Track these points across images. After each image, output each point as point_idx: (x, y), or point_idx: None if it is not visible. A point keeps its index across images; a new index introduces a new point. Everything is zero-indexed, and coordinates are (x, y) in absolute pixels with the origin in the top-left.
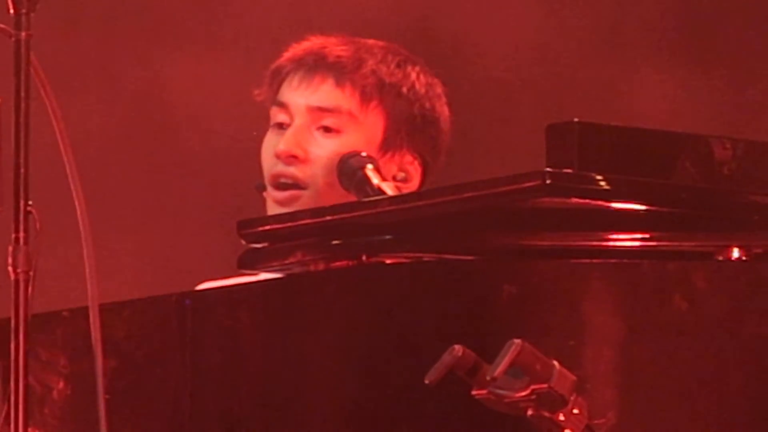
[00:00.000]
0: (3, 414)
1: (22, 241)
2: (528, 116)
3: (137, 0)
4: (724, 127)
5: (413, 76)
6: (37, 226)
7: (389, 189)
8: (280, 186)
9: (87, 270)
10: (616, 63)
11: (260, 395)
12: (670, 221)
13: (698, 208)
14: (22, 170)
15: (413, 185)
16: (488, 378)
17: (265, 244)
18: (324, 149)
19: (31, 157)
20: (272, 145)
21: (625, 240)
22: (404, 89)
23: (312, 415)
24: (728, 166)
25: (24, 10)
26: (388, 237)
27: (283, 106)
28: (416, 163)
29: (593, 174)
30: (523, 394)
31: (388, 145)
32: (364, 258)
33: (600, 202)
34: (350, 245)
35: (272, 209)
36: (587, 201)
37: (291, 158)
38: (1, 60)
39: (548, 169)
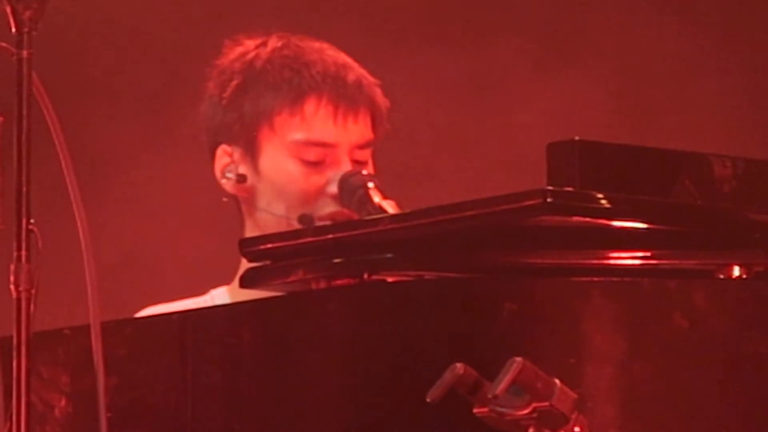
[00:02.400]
0: None
1: (23, 259)
2: (529, 134)
3: (139, 16)
4: None
5: (363, 70)
6: (39, 244)
7: (390, 207)
8: None
9: (89, 288)
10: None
11: (261, 413)
12: (671, 239)
13: (699, 227)
14: (23, 188)
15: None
16: (490, 396)
17: (267, 262)
18: None
19: (33, 175)
20: (311, 180)
21: (626, 258)
22: (376, 94)
23: None
24: (728, 184)
25: (26, 29)
26: (389, 255)
27: (327, 146)
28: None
29: (594, 192)
30: (525, 412)
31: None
32: (365, 276)
33: (601, 221)
34: (352, 263)
35: None
36: (588, 219)
37: None
38: (3, 78)
39: (549, 187)
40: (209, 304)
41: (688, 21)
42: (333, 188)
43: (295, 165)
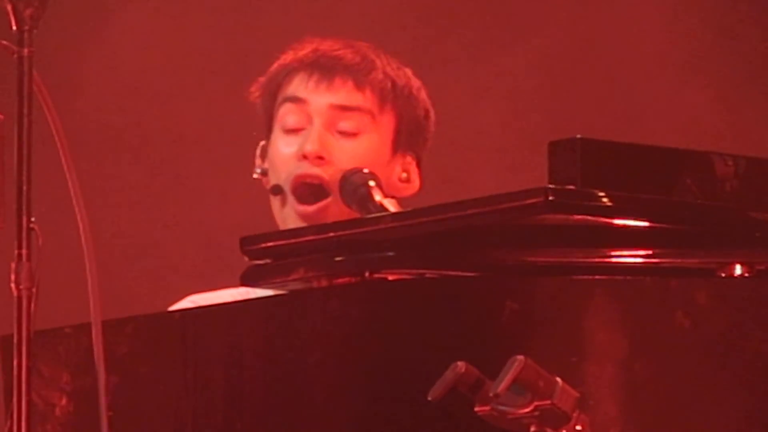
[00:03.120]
0: (6, 431)
1: (24, 257)
2: (531, 132)
3: (140, 17)
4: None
5: (411, 78)
6: (40, 242)
7: (391, 205)
8: (304, 195)
9: (89, 286)
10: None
11: (262, 411)
12: (673, 238)
13: (701, 225)
14: (24, 187)
15: (414, 185)
16: (491, 394)
17: (268, 261)
18: (346, 151)
19: (34, 174)
20: (289, 148)
21: (628, 256)
22: (412, 91)
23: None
24: (730, 182)
25: (26, 27)
26: (390, 253)
27: (299, 102)
28: (414, 162)
29: (596, 190)
30: (526, 410)
31: (397, 146)
32: (366, 274)
33: (602, 219)
34: (353, 261)
35: (289, 219)
36: (590, 218)
37: (318, 159)
38: (4, 76)
39: (551, 185)
40: (251, 295)
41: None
42: (303, 148)
43: (280, 136)
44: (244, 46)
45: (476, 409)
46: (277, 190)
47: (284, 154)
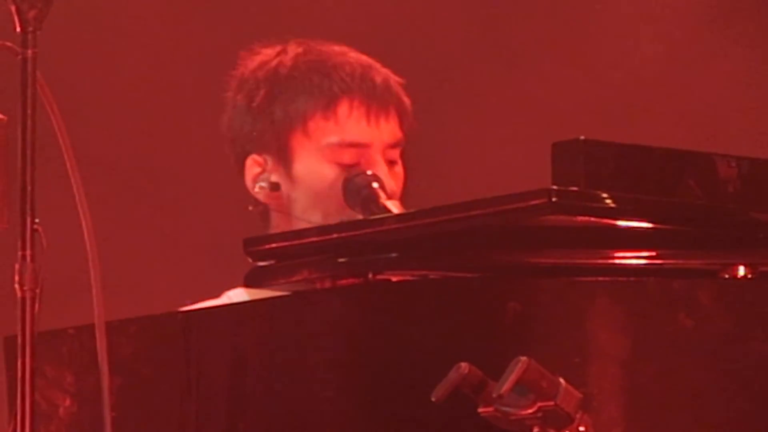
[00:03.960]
0: (10, 431)
1: (28, 258)
2: (534, 133)
3: (143, 19)
4: None
5: (390, 72)
6: (44, 243)
7: (395, 207)
8: None
9: (93, 287)
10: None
11: (266, 412)
12: (676, 239)
13: (704, 226)
14: (28, 188)
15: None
16: (494, 395)
17: (272, 262)
18: (395, 179)
19: (37, 175)
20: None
21: (631, 258)
22: (402, 94)
23: None
24: (733, 184)
25: (30, 28)
26: (394, 255)
27: (362, 146)
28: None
29: (599, 192)
30: (530, 411)
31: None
32: (370, 276)
33: (606, 220)
34: (356, 263)
35: None
36: (593, 219)
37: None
38: (8, 78)
39: (554, 186)
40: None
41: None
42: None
43: (332, 169)
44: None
45: (479, 410)
46: None
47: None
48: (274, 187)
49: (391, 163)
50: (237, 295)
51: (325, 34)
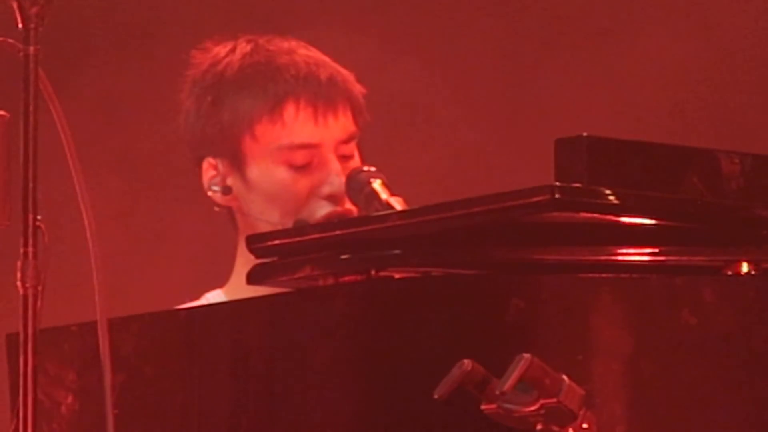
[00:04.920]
0: (12, 429)
1: (30, 255)
2: (537, 130)
3: (144, 17)
4: None
5: (334, 62)
6: (46, 240)
7: (397, 204)
8: None
9: (95, 284)
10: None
11: (268, 409)
12: (679, 236)
13: (707, 223)
14: (30, 185)
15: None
16: (497, 392)
17: (274, 259)
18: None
19: (40, 172)
20: (300, 184)
21: (634, 254)
22: (351, 83)
23: (320, 430)
24: (736, 180)
25: (32, 25)
26: (396, 251)
27: (313, 147)
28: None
29: (602, 188)
30: (533, 408)
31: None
32: (372, 272)
33: (609, 217)
34: (359, 260)
35: None
36: (596, 215)
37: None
38: (10, 74)
39: (557, 183)
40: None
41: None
42: (325, 189)
43: (284, 171)
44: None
45: (482, 407)
46: (302, 225)
47: (298, 191)
48: (226, 190)
49: (345, 158)
50: (214, 296)
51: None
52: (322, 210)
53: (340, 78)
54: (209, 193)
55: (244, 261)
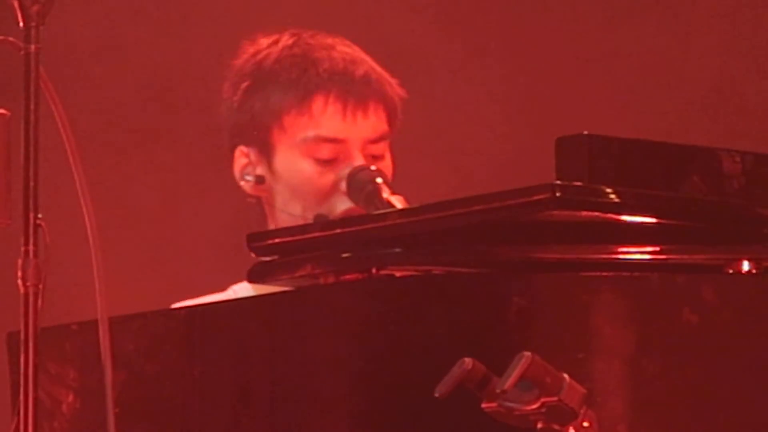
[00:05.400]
0: (13, 427)
1: (31, 254)
2: (537, 129)
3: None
4: None
5: (373, 62)
6: (47, 239)
7: (398, 202)
8: None
9: (96, 283)
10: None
11: (269, 408)
12: (680, 234)
13: (708, 221)
14: (31, 183)
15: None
16: (498, 391)
17: (275, 257)
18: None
19: (41, 170)
20: (324, 178)
21: (635, 253)
22: (387, 84)
23: (321, 428)
24: (738, 179)
25: (33, 24)
26: (397, 250)
27: (338, 141)
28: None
29: (603, 187)
30: (533, 407)
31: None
32: (373, 271)
33: (610, 215)
34: (360, 258)
35: None
36: (597, 214)
37: None
38: (11, 73)
39: (558, 181)
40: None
41: None
42: (345, 185)
43: (308, 164)
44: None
45: (483, 405)
46: (321, 219)
47: (321, 185)
48: (260, 180)
49: (374, 158)
50: (242, 289)
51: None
52: (343, 205)
53: (375, 77)
54: (241, 183)
55: None
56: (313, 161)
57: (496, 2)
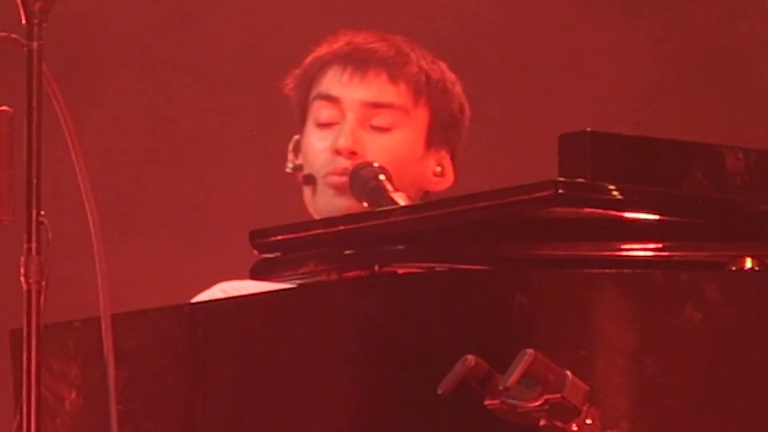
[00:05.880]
0: (15, 425)
1: (34, 251)
2: (540, 125)
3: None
4: None
5: (446, 72)
6: (50, 236)
7: (401, 199)
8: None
9: (99, 280)
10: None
11: (272, 405)
12: (683, 231)
13: (711, 218)
14: (34, 180)
15: (448, 179)
16: (501, 388)
17: (278, 254)
18: (379, 145)
19: (43, 167)
20: (322, 142)
21: (638, 250)
22: (446, 84)
23: (323, 426)
24: (741, 176)
25: (36, 21)
26: (400, 247)
27: (332, 100)
28: (448, 157)
29: (606, 184)
30: (536, 404)
31: (431, 140)
32: (376, 268)
33: (612, 212)
34: (363, 255)
35: (321, 209)
36: (600, 211)
37: (351, 154)
38: (14, 70)
39: (561, 178)
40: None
41: None
42: (342, 141)
43: (312, 129)
44: (261, 42)
45: (486, 402)
46: (310, 180)
47: (317, 148)
48: (298, 167)
49: (376, 129)
50: (232, 288)
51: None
52: (329, 166)
53: (394, 52)
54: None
55: None
56: (315, 126)
57: (497, 2)
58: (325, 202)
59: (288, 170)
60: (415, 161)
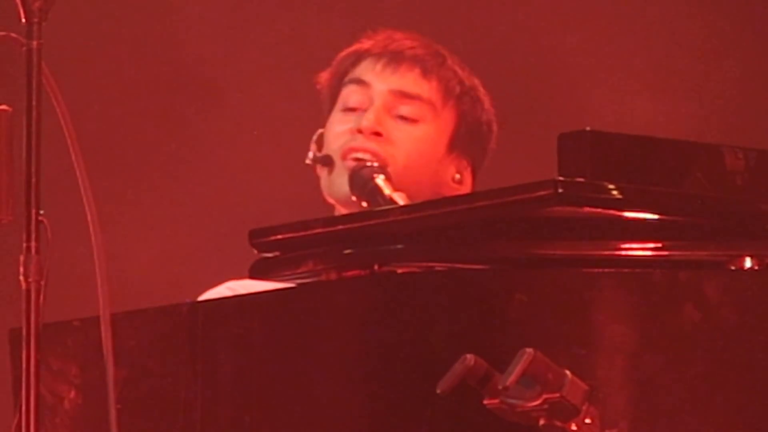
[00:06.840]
0: (14, 424)
1: (33, 250)
2: (540, 124)
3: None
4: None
5: (480, 86)
6: (49, 235)
7: (400, 199)
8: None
9: (98, 279)
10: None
11: (271, 405)
12: (683, 230)
13: (711, 218)
14: (33, 179)
15: (466, 188)
16: (500, 387)
17: (277, 253)
18: (403, 133)
19: (43, 166)
20: (344, 125)
21: (637, 249)
22: (479, 95)
23: (324, 425)
24: (741, 175)
25: (35, 19)
26: (399, 246)
27: (362, 84)
28: (469, 168)
29: (605, 183)
30: (535, 403)
31: (454, 145)
32: (375, 267)
33: (612, 211)
34: (362, 255)
35: (340, 180)
36: (599, 210)
37: (374, 135)
38: (13, 69)
39: (560, 178)
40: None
41: None
42: (365, 122)
43: (339, 113)
44: (262, 42)
45: (485, 401)
46: (327, 160)
47: (338, 130)
48: (318, 160)
49: (403, 119)
50: (240, 286)
51: None
52: (349, 144)
53: (427, 52)
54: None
55: None
56: (341, 112)
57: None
58: (341, 183)
59: (308, 161)
60: (436, 161)
